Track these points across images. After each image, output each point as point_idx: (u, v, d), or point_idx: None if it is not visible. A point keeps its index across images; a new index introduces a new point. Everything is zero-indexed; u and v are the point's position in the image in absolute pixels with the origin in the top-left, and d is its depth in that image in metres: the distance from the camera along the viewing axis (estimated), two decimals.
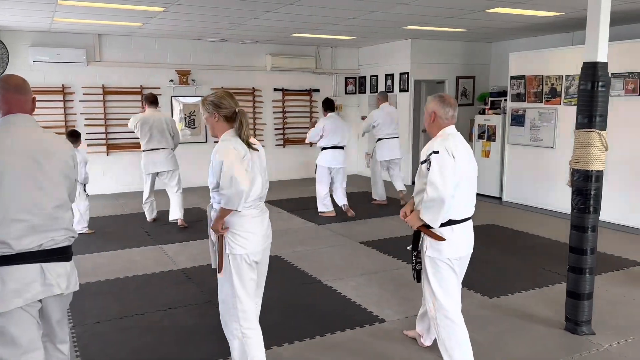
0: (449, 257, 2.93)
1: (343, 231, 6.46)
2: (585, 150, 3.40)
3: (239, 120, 2.81)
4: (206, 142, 9.68)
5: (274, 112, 10.19)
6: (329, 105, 7.32)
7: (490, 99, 9.07)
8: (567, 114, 7.26)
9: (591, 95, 3.33)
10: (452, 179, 2.79)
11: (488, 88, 9.60)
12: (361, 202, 8.04)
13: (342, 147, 7.18)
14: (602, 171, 3.42)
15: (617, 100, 6.66)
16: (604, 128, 3.37)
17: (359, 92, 10.96)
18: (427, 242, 2.96)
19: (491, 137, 8.70)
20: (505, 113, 8.39)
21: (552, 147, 7.60)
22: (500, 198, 8.49)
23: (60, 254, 2.34)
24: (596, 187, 3.42)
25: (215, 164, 2.72)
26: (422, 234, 2.98)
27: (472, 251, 3.08)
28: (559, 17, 6.95)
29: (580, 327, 3.57)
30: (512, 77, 8.18)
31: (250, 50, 9.80)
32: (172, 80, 9.28)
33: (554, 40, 8.60)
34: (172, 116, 9.24)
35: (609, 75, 3.36)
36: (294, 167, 10.40)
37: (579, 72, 7.07)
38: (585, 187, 3.43)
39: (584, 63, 3.38)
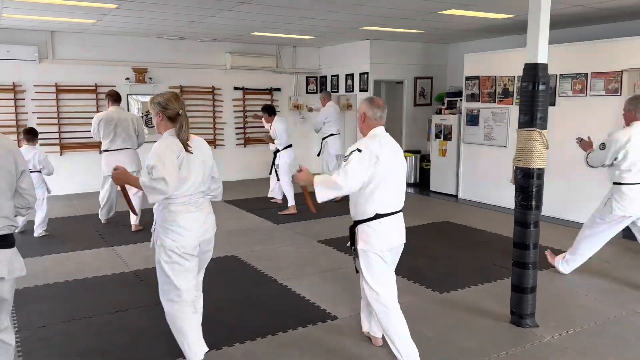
0: (379, 248, 3.07)
1: (302, 230, 6.48)
2: (527, 149, 3.52)
3: (179, 123, 2.96)
4: None
5: (235, 111, 10.12)
6: (271, 111, 7.63)
7: (446, 99, 9.26)
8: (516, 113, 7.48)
9: (532, 95, 3.45)
10: (361, 178, 2.95)
11: (445, 88, 9.80)
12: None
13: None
14: (543, 169, 3.55)
15: (566, 100, 6.92)
16: (544, 127, 3.50)
17: (320, 92, 10.94)
18: (357, 236, 3.10)
19: (447, 137, 8.88)
20: (461, 113, 8.59)
21: (505, 146, 7.82)
22: (456, 196, 8.68)
23: (0, 242, 2.48)
24: (538, 184, 3.55)
25: (150, 157, 2.90)
26: (356, 229, 3.11)
27: (404, 241, 3.24)
28: (511, 20, 7.16)
29: (524, 319, 3.69)
30: (467, 78, 8.38)
31: (210, 48, 9.71)
32: (128, 78, 9.10)
33: (507, 42, 8.84)
34: None
35: (549, 76, 3.48)
36: (255, 167, 10.36)
37: None
38: (527, 184, 3.55)
39: (525, 64, 3.50)
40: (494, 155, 7.98)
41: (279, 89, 10.49)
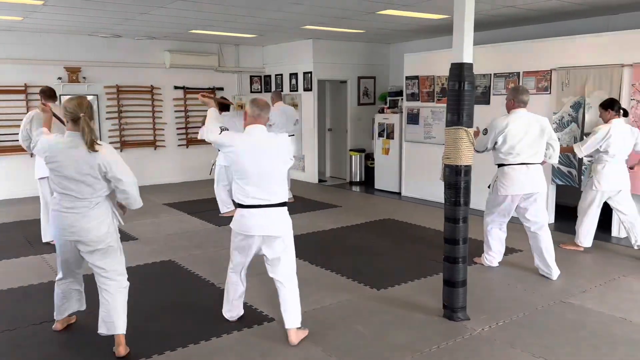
0: (236, 231, 3.51)
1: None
2: (454, 147, 3.60)
3: (81, 127, 3.08)
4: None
5: (176, 111, 9.88)
6: (223, 107, 7.16)
7: (388, 98, 9.39)
8: None
9: (458, 94, 3.53)
10: (222, 140, 3.37)
11: (388, 88, 9.94)
12: None
13: None
14: (470, 166, 3.64)
15: (500, 98, 7.14)
16: (470, 125, 3.59)
17: (265, 91, 10.91)
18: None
19: (390, 135, 9.01)
20: (402, 112, 8.73)
21: (444, 144, 7.96)
22: (399, 193, 8.82)
23: None
24: (465, 181, 3.64)
25: None
26: None
27: (273, 235, 3.43)
28: (446, 20, 7.33)
29: (456, 313, 3.78)
30: (407, 78, 8.52)
31: (147, 46, 9.43)
32: (60, 78, 8.70)
33: (445, 42, 9.05)
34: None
35: (474, 75, 3.57)
36: (198, 168, 10.15)
37: None
38: (456, 181, 3.63)
39: (452, 64, 3.58)
40: (434, 153, 8.13)
41: (222, 88, 10.32)
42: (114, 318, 3.26)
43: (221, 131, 3.36)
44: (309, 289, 4.37)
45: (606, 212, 5.89)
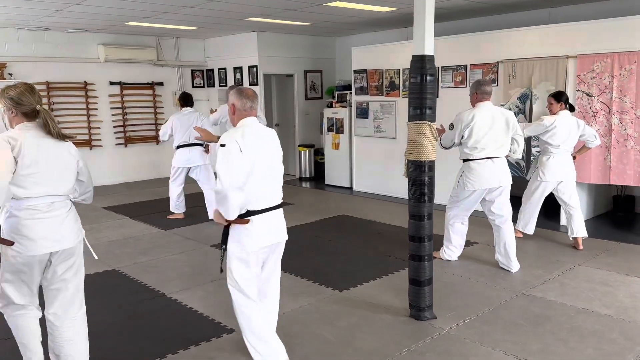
0: (249, 249, 2.91)
1: (192, 235, 6.06)
2: (417, 142, 3.47)
3: (42, 120, 2.66)
4: None
5: (112, 108, 9.30)
6: (186, 100, 6.69)
7: (337, 92, 9.25)
8: (406, 105, 7.58)
9: (420, 88, 3.41)
10: (237, 173, 2.79)
11: (335, 82, 9.80)
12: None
13: (200, 144, 6.51)
14: (434, 161, 3.53)
15: (447, 91, 7.17)
16: (433, 119, 3.48)
17: (208, 86, 10.49)
18: (230, 236, 2.94)
19: (340, 130, 8.88)
20: (351, 106, 8.61)
21: (393, 138, 7.96)
22: (350, 188, 8.72)
23: None
24: (429, 177, 3.53)
25: None
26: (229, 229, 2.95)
27: (285, 237, 3.11)
28: (394, 13, 7.26)
29: (423, 312, 3.67)
30: (355, 71, 8.41)
31: (80, 39, 8.80)
32: None
33: (392, 35, 9.03)
34: None
35: (436, 67, 3.45)
36: (138, 168, 9.64)
37: None
38: (420, 177, 3.51)
39: (413, 56, 3.45)
40: (384, 147, 8.10)
41: (161, 83, 9.82)
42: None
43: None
44: None
45: (555, 201, 6.02)
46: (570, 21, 6.17)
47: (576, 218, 5.26)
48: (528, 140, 6.41)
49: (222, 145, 2.83)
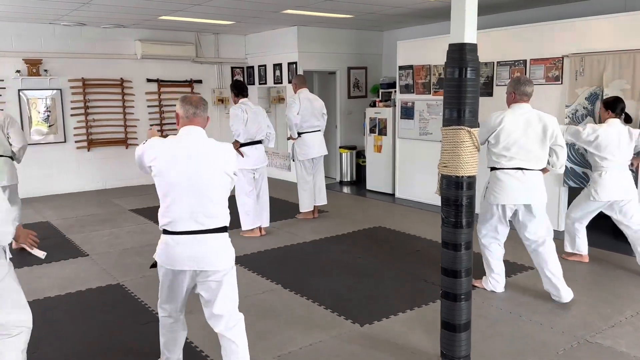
0: (160, 264, 2.64)
1: None
2: (453, 152, 2.80)
3: None
4: (65, 142, 8.36)
5: (149, 106, 9.04)
6: (240, 90, 5.70)
7: (381, 90, 8.58)
8: None
9: (459, 84, 2.73)
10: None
11: (380, 79, 9.11)
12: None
13: (260, 142, 5.76)
14: (474, 177, 2.84)
15: (504, 90, 6.33)
16: (475, 125, 2.79)
17: (248, 84, 10.07)
18: None
19: (382, 131, 8.20)
20: (395, 105, 7.92)
21: (440, 141, 7.18)
22: (393, 195, 8.03)
23: None
24: (468, 196, 2.84)
25: None
26: None
27: (215, 268, 2.60)
28: (444, 2, 6.51)
29: None
30: (400, 67, 7.70)
31: (116, 35, 8.58)
32: (18, 71, 7.86)
33: (443, 28, 8.22)
34: (21, 113, 7.87)
35: (479, 59, 2.76)
36: None
37: None
38: (456, 196, 2.83)
39: (450, 45, 2.78)
40: (430, 151, 7.32)
41: (200, 81, 9.48)
42: None
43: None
44: (276, 323, 3.61)
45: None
46: None
47: None
48: None
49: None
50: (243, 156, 5.51)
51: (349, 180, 9.23)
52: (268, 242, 5.52)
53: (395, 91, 8.02)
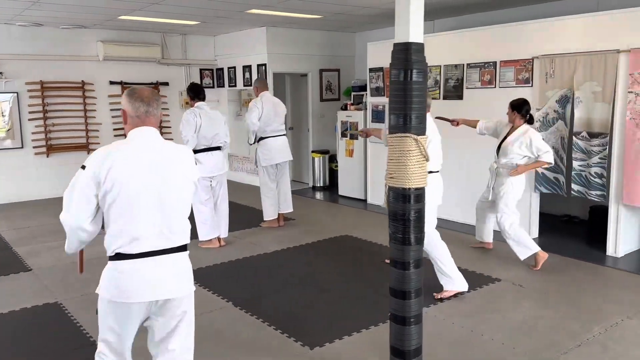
0: (110, 299, 2.16)
1: None
2: (400, 162, 2.54)
3: None
4: (23, 147, 7.98)
5: (112, 110, 8.68)
6: (197, 92, 5.37)
7: (353, 93, 8.35)
8: None
9: (404, 87, 2.48)
10: (83, 203, 2.11)
11: (352, 82, 8.88)
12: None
13: (219, 148, 5.45)
14: (423, 188, 2.59)
15: (474, 92, 6.14)
16: (422, 132, 2.54)
17: (218, 86, 9.78)
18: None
19: (354, 135, 7.95)
20: (367, 108, 7.68)
21: None
22: (365, 201, 7.78)
23: None
24: (417, 210, 2.59)
25: None
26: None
27: (180, 294, 2.24)
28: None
29: None
30: (371, 70, 7.48)
31: (77, 36, 8.23)
32: None
33: None
34: None
35: (426, 61, 2.51)
36: None
37: (438, 63, 6.52)
38: (403, 210, 2.58)
39: (394, 45, 2.52)
40: None
41: (167, 83, 9.15)
42: None
43: None
44: (217, 348, 3.33)
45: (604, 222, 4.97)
46: (623, 7, 5.02)
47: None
48: (569, 153, 5.33)
49: (83, 167, 2.14)
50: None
51: (321, 185, 8.98)
52: (226, 254, 5.23)
53: (366, 94, 7.79)
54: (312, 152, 9.04)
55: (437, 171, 4.16)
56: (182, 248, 2.24)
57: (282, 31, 8.49)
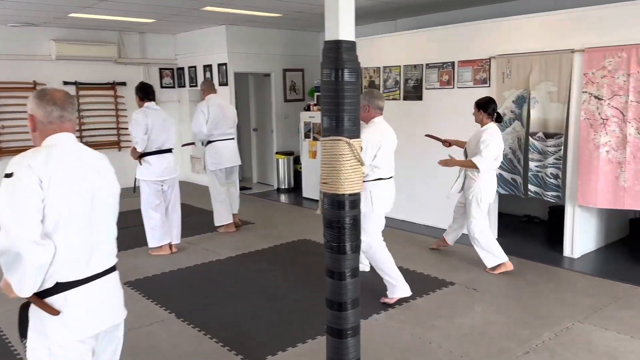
0: (63, 343, 1.88)
1: None
2: (333, 167, 2.41)
3: None
4: None
5: None
6: (146, 93, 5.13)
7: (316, 94, 8.21)
8: (387, 110, 6.54)
9: (336, 88, 2.34)
10: (31, 218, 1.79)
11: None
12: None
13: (170, 150, 5.20)
14: (358, 194, 2.46)
15: (432, 93, 6.07)
16: (356, 135, 2.40)
17: (179, 86, 9.54)
18: (30, 321, 1.91)
19: (317, 136, 7.83)
20: None
21: None
22: None
23: None
24: (352, 217, 2.45)
25: None
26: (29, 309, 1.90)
27: (123, 316, 2.07)
28: (378, 1, 6.18)
29: None
30: None
31: (28, 35, 7.89)
32: None
33: (379, 29, 7.94)
34: None
35: (358, 60, 2.38)
36: None
37: (397, 63, 6.44)
38: (338, 217, 2.44)
39: (325, 43, 2.39)
40: None
41: (124, 83, 8.86)
42: None
43: None
44: None
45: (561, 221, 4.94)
46: (578, 6, 4.99)
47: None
48: (526, 154, 5.29)
49: (8, 175, 1.82)
50: (141, 164, 5.02)
51: (286, 187, 8.82)
52: (176, 261, 5.03)
53: None
54: (277, 153, 8.88)
55: (389, 178, 4.04)
56: (114, 268, 2.06)
57: (242, 30, 8.31)
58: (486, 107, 4.47)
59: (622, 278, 4.39)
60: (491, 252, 4.51)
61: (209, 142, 5.87)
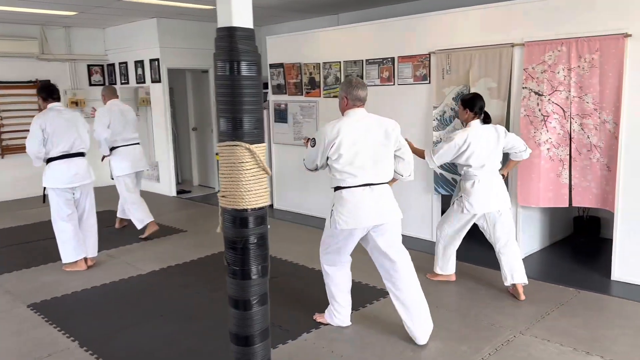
0: None
1: (14, 284, 4.45)
2: (232, 178, 2.04)
3: None
4: None
5: None
6: (50, 92, 4.66)
7: None
8: (328, 107, 6.25)
9: (232, 84, 1.98)
10: None
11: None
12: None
13: (81, 154, 4.76)
14: (264, 209, 2.11)
15: (374, 90, 5.77)
16: (258, 139, 2.05)
17: (110, 83, 8.91)
18: None
19: None
20: (269, 107, 7.18)
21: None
22: (271, 206, 7.28)
23: None
24: (259, 236, 2.10)
25: None
26: None
27: None
28: None
29: None
30: (271, 66, 6.98)
31: None
32: None
33: (321, 23, 7.62)
34: None
35: (258, 51, 2.03)
36: (14, 184, 7.99)
37: (337, 59, 6.11)
38: (242, 236, 2.08)
39: (217, 30, 2.02)
40: None
41: (48, 81, 8.17)
42: None
43: None
44: None
45: None
46: None
47: (512, 255, 3.94)
48: None
49: None
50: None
51: None
52: (91, 278, 4.53)
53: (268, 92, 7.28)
54: (217, 154, 8.42)
55: (363, 185, 3.17)
56: None
57: (175, 23, 7.81)
58: (472, 105, 3.92)
59: (565, 281, 4.23)
60: (446, 259, 4.28)
61: (113, 148, 5.61)
